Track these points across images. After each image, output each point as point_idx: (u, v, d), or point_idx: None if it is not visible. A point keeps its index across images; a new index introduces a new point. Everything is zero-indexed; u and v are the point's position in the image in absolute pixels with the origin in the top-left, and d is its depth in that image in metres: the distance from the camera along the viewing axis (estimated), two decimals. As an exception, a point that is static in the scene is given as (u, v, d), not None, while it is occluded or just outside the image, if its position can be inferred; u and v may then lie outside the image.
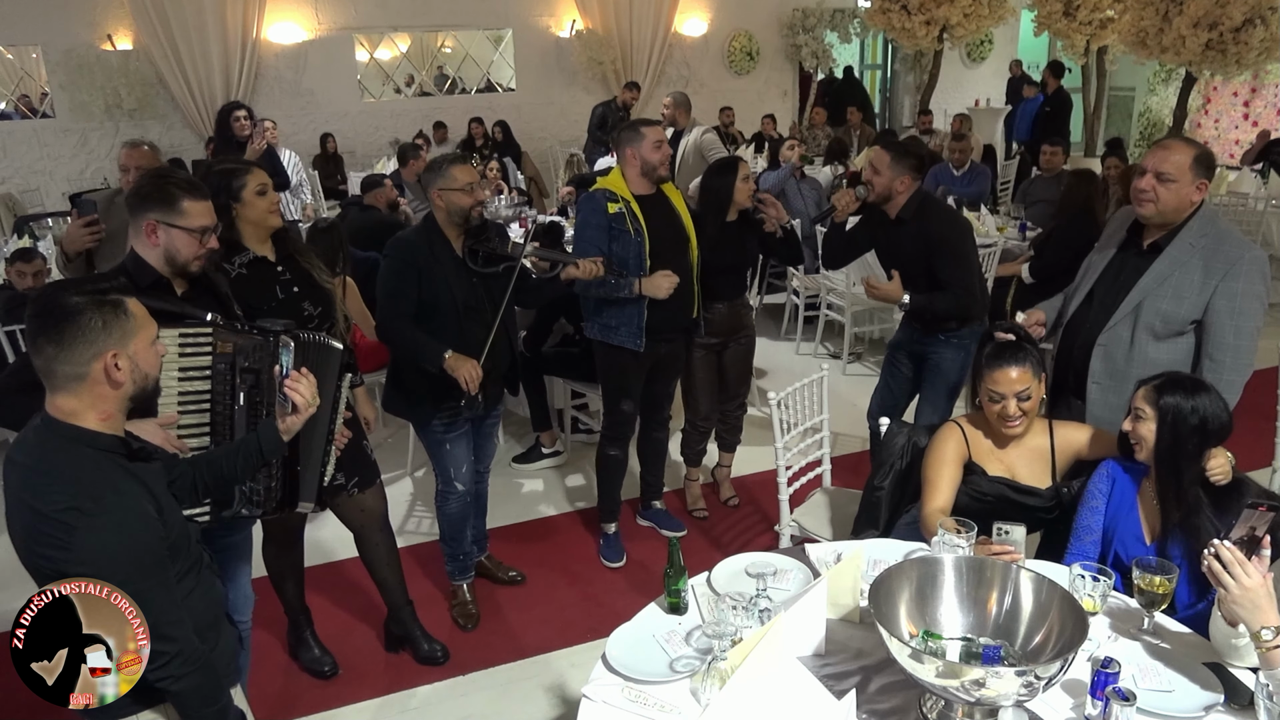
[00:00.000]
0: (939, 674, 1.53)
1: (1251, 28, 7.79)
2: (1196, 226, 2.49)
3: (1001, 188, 8.61)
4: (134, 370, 1.56)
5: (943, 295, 3.24)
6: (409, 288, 2.87)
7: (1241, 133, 10.74)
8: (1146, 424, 2.10)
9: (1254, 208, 6.53)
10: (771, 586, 2.01)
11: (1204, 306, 2.47)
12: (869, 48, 13.74)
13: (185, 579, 1.68)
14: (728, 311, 3.69)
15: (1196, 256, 2.47)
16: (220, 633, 1.80)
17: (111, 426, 1.58)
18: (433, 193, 2.91)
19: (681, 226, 3.42)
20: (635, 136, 3.28)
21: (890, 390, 3.56)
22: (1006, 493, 2.38)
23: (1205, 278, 2.46)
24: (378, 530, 2.93)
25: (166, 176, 2.21)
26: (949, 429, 2.46)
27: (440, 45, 11.64)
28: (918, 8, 9.52)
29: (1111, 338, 2.60)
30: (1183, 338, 2.54)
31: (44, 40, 8.91)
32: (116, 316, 1.53)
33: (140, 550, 1.52)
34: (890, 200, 3.28)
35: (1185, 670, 1.79)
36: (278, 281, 2.58)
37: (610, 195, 3.28)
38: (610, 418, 3.57)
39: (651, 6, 10.93)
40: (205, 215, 2.18)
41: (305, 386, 1.89)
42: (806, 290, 6.02)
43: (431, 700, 2.94)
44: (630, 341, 3.35)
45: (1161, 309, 2.50)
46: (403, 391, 3.06)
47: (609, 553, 3.69)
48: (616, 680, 1.81)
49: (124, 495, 1.53)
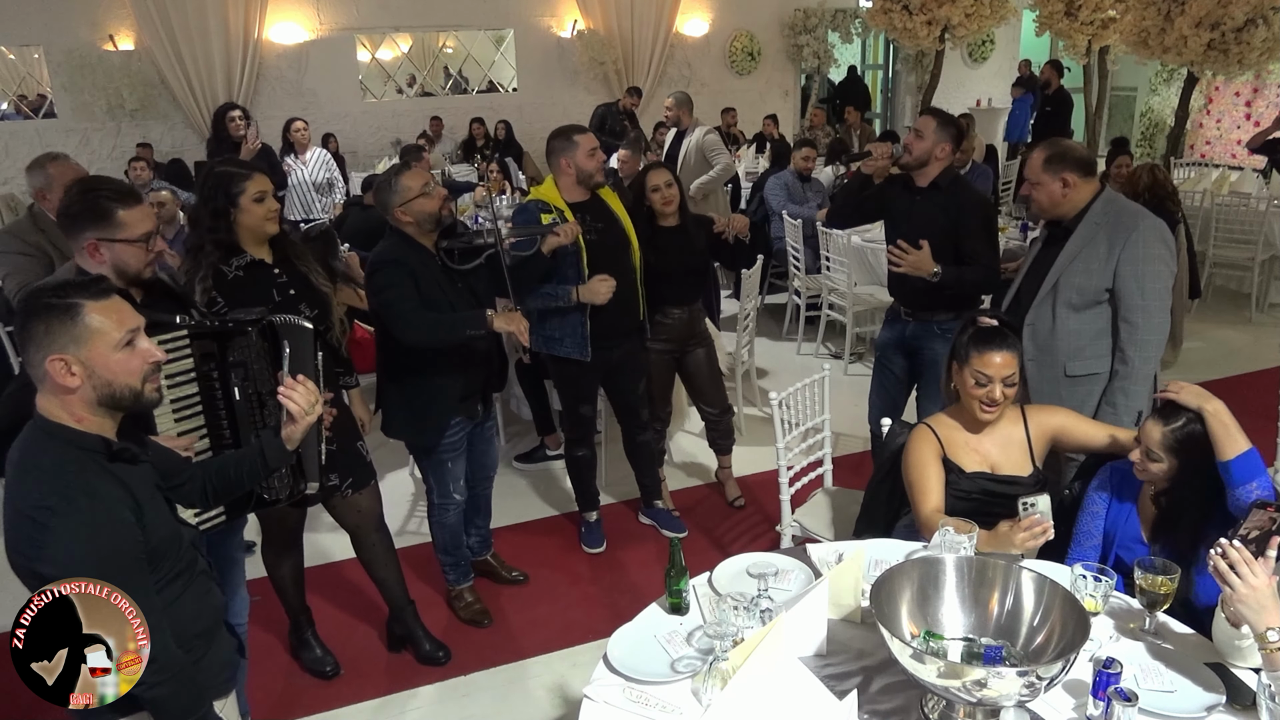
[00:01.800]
0: (940, 674, 1.53)
1: (1253, 28, 7.78)
2: (1100, 207, 2.75)
3: (1003, 188, 8.61)
4: (91, 376, 1.52)
5: (972, 269, 3.25)
6: (412, 289, 2.80)
7: (1243, 132, 10.72)
8: (1160, 465, 2.10)
9: (1255, 208, 6.51)
10: (773, 587, 2.01)
11: (1112, 275, 2.68)
12: (870, 48, 13.74)
13: (171, 585, 1.65)
14: (686, 317, 3.68)
15: (1101, 232, 2.71)
16: (213, 642, 1.76)
17: (91, 427, 1.56)
18: (396, 213, 2.80)
19: (620, 229, 3.39)
20: (568, 145, 3.23)
21: (886, 391, 3.56)
22: (988, 486, 2.37)
23: (1109, 249, 2.68)
24: (373, 531, 2.93)
25: (94, 190, 2.13)
26: (920, 433, 2.44)
27: (442, 45, 11.65)
28: (919, 8, 9.51)
29: (1037, 315, 2.82)
30: (1099, 307, 2.74)
31: (46, 40, 8.92)
32: (63, 322, 1.50)
33: (109, 553, 1.50)
34: (925, 166, 3.26)
35: (1187, 671, 1.79)
36: (274, 284, 2.56)
37: (544, 206, 3.25)
38: (569, 421, 3.60)
39: (653, 7, 10.93)
40: (145, 220, 2.13)
41: (301, 395, 1.81)
42: (808, 290, 6.01)
43: (433, 701, 2.94)
44: (576, 352, 3.34)
45: (1075, 283, 2.73)
46: (406, 415, 2.99)
47: (590, 539, 3.73)
48: (618, 681, 1.81)
49: (98, 498, 1.51)
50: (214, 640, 1.77)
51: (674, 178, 3.59)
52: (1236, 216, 6.63)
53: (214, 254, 2.46)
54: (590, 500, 3.76)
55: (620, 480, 4.18)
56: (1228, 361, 5.52)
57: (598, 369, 3.45)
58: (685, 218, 3.61)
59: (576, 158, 3.24)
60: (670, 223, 3.58)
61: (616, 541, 3.79)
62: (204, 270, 2.44)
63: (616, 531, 3.85)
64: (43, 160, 3.12)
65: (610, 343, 3.40)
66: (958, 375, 2.39)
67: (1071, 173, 2.73)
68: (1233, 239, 6.65)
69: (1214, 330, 6.19)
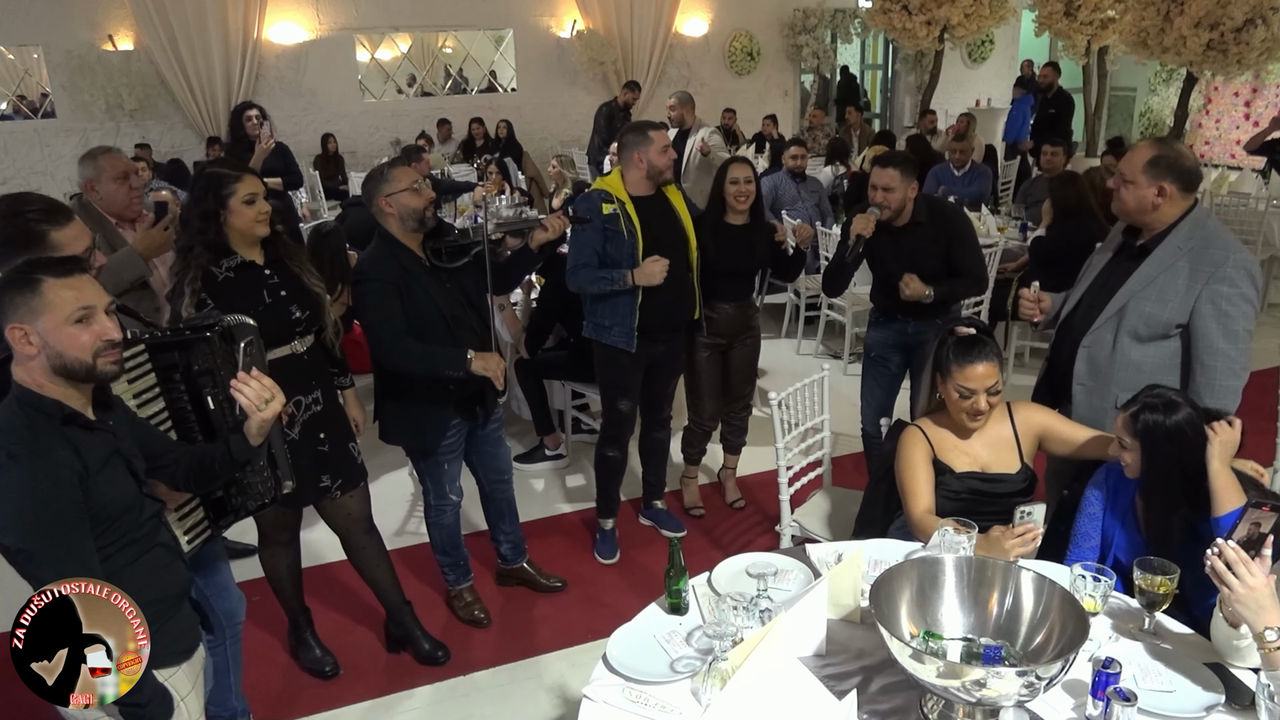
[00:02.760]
0: (940, 674, 1.53)
1: (1253, 28, 7.78)
2: (1186, 230, 2.45)
3: (1002, 188, 8.61)
4: (45, 346, 1.64)
5: (960, 281, 3.41)
6: (396, 306, 2.77)
7: (1243, 133, 10.72)
8: (1129, 453, 2.11)
9: (1254, 208, 6.52)
10: (772, 587, 2.01)
11: (1189, 310, 2.42)
12: (869, 48, 13.74)
13: (124, 551, 1.74)
14: (734, 312, 3.68)
15: (1183, 259, 2.43)
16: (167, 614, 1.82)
17: (50, 393, 1.67)
18: (380, 202, 2.78)
19: (680, 228, 3.40)
20: (643, 140, 3.26)
21: (881, 391, 3.58)
22: (978, 485, 2.39)
23: (1191, 281, 2.41)
24: (362, 533, 2.91)
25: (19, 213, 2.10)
26: (911, 434, 2.44)
27: (441, 45, 11.64)
28: (918, 8, 9.52)
29: (1095, 340, 2.57)
30: (1167, 341, 2.49)
31: (45, 40, 8.92)
32: (23, 294, 1.63)
33: (45, 510, 1.59)
34: (903, 211, 3.33)
35: (1186, 670, 1.79)
36: (265, 285, 2.54)
37: (605, 196, 3.27)
38: (608, 417, 3.56)
39: (652, 7, 10.93)
40: (80, 237, 2.11)
41: (252, 390, 1.83)
42: (807, 290, 6.02)
43: (432, 700, 2.94)
44: (622, 341, 3.34)
45: (1145, 311, 2.47)
46: (402, 422, 2.98)
47: (604, 549, 3.70)
48: (617, 681, 1.81)
49: (43, 457, 1.61)
50: (168, 613, 1.83)
51: (754, 175, 3.57)
52: (1236, 216, 6.64)
53: (203, 255, 2.44)
54: (610, 506, 3.70)
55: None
56: (1227, 361, 5.51)
57: (641, 362, 3.43)
58: (757, 217, 3.60)
59: (649, 153, 3.25)
60: (740, 220, 3.57)
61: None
62: (193, 272, 2.42)
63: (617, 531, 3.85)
64: (95, 153, 3.13)
65: (659, 337, 3.39)
66: (941, 387, 2.41)
67: (1173, 183, 2.41)
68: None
69: (1213, 330, 6.18)
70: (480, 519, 3.48)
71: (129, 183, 3.15)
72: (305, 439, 2.65)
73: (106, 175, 3.07)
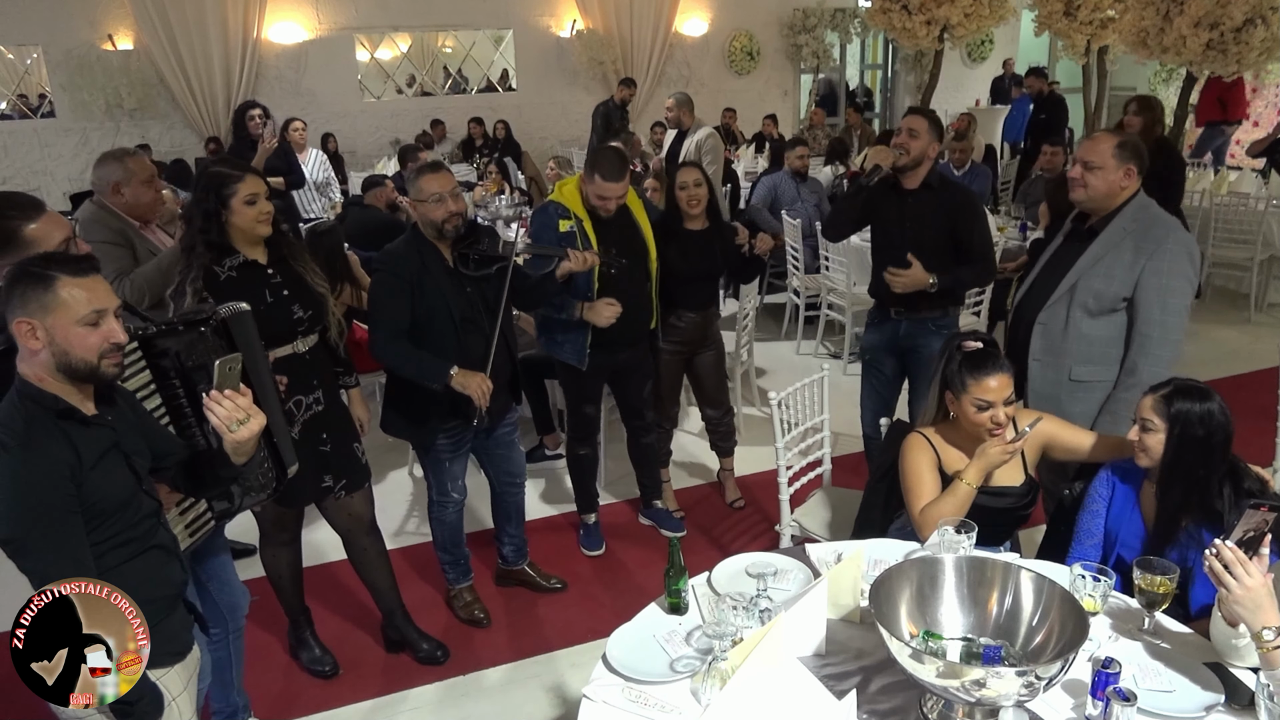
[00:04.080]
0: (939, 674, 1.53)
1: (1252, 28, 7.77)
2: (1130, 212, 2.65)
3: (1002, 188, 8.61)
4: (51, 343, 1.64)
5: (966, 268, 3.32)
6: (403, 305, 2.78)
7: (1243, 132, 10.72)
8: (1155, 435, 2.10)
9: (1254, 208, 6.52)
10: (772, 587, 2.01)
11: (1133, 284, 2.61)
12: (869, 48, 13.74)
13: (119, 549, 1.74)
14: (699, 320, 3.67)
15: (1129, 239, 2.63)
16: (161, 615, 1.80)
17: (50, 389, 1.67)
18: (409, 203, 2.87)
19: (640, 240, 3.38)
20: (591, 174, 3.18)
21: (879, 393, 3.58)
22: (981, 500, 2.34)
23: (1135, 257, 2.60)
24: (364, 534, 2.91)
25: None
26: (917, 441, 2.42)
27: (441, 45, 11.65)
28: (918, 7, 9.51)
29: (1050, 315, 2.74)
30: (1115, 315, 2.67)
31: (45, 40, 8.93)
32: (34, 289, 1.63)
33: (34, 501, 1.59)
34: (917, 167, 3.27)
35: (1186, 670, 1.79)
36: (267, 285, 2.55)
37: (563, 211, 3.24)
38: (573, 420, 3.58)
39: (652, 6, 10.94)
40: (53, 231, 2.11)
41: (223, 410, 1.76)
42: (807, 290, 6.02)
43: (431, 700, 2.94)
44: (574, 358, 3.35)
45: (1094, 287, 2.65)
46: (403, 413, 2.99)
47: (588, 541, 3.72)
48: (617, 680, 1.81)
49: (37, 450, 1.61)
50: (163, 614, 1.82)
51: (704, 178, 3.55)
52: (1235, 216, 6.64)
53: (205, 254, 2.45)
54: (589, 502, 3.75)
55: (620, 480, 4.19)
56: (1227, 361, 5.53)
57: (602, 371, 3.45)
58: (715, 221, 3.59)
59: (592, 188, 3.19)
60: (698, 225, 3.56)
61: (616, 541, 3.79)
62: (195, 271, 2.43)
63: (616, 531, 3.85)
64: (121, 155, 3.07)
65: (616, 349, 3.39)
66: (955, 405, 2.36)
67: (1135, 164, 2.63)
68: (1232, 239, 6.65)
69: (1213, 330, 6.20)
70: (484, 518, 3.49)
71: (154, 185, 3.15)
72: (306, 439, 2.65)
73: (137, 178, 3.03)
